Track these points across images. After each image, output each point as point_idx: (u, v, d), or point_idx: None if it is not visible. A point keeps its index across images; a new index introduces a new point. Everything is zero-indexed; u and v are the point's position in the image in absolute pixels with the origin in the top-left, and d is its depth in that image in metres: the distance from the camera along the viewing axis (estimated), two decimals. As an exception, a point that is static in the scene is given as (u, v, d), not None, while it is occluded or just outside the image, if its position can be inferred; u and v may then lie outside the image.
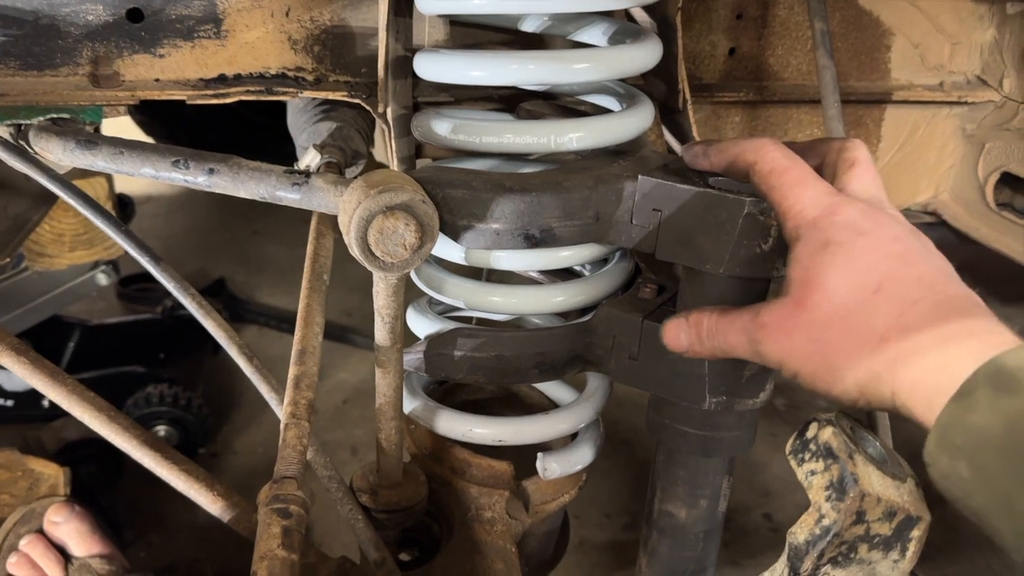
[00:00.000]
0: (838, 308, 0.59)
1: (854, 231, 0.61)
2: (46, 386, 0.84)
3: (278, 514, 0.66)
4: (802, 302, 0.61)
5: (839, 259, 0.60)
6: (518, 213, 0.73)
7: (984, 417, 0.49)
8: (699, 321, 0.70)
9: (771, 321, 0.63)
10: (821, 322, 0.60)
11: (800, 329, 0.61)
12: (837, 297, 0.59)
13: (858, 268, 0.59)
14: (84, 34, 0.87)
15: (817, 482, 0.62)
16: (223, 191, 0.77)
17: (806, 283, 0.61)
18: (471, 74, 0.79)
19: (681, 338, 0.72)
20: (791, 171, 0.65)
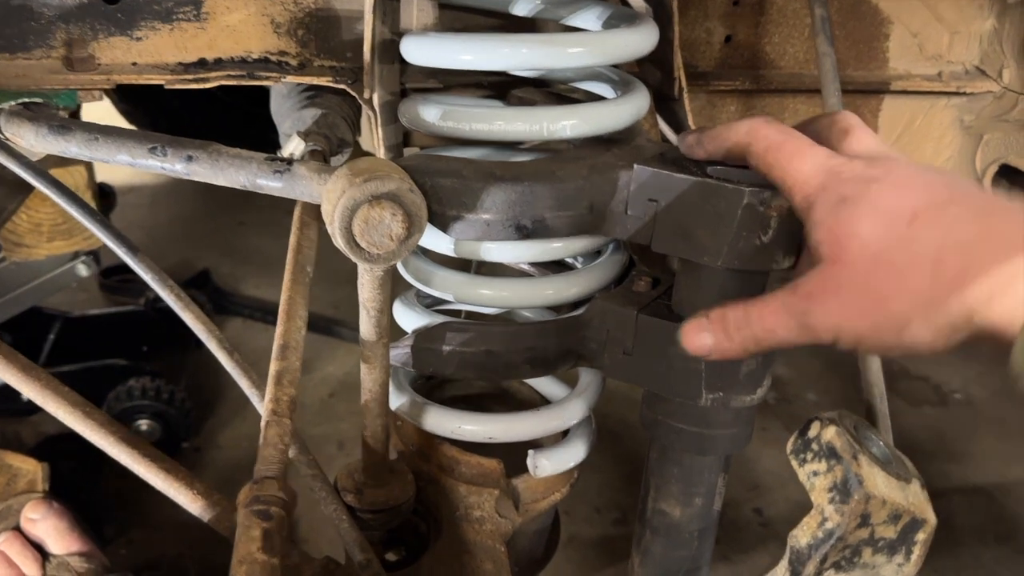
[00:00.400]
0: (880, 251, 0.56)
1: (865, 181, 0.58)
2: (19, 380, 0.81)
3: (258, 516, 0.63)
4: (840, 259, 0.58)
5: (861, 208, 0.57)
6: (509, 203, 0.71)
7: None
8: (723, 316, 0.66)
9: (814, 288, 0.60)
10: (867, 271, 0.57)
11: (848, 286, 0.58)
12: (874, 241, 0.56)
13: (883, 208, 0.57)
14: (58, 16, 0.84)
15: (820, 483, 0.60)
16: (202, 179, 0.74)
17: (836, 241, 0.58)
18: (461, 58, 0.76)
19: (705, 338, 0.67)
20: (787, 144, 0.63)
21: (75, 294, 2.33)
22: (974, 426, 2.26)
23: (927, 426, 2.25)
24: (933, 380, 2.44)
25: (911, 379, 2.45)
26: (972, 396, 2.38)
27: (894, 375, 2.44)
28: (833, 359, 2.45)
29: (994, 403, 2.35)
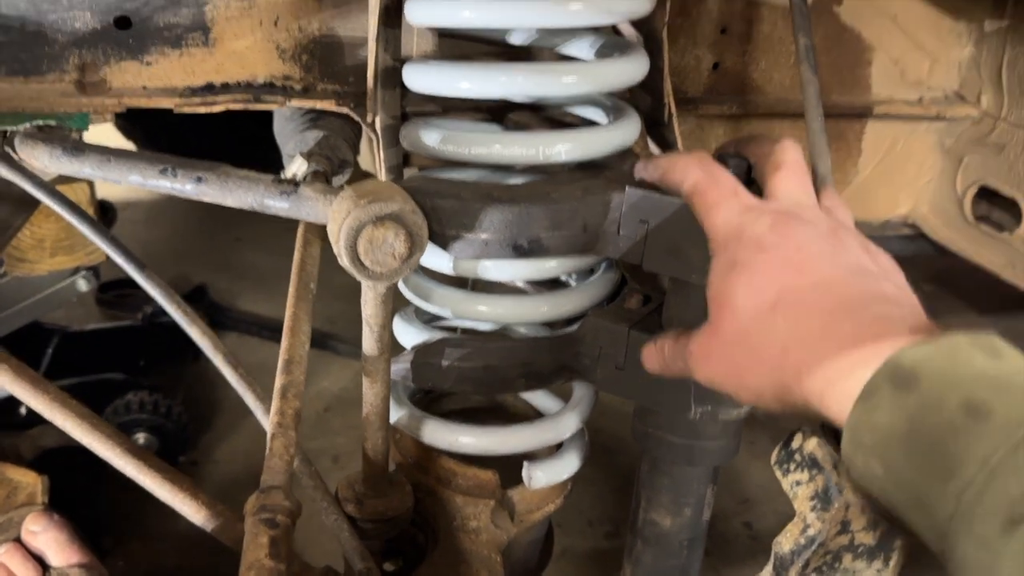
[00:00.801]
0: (743, 328, 0.61)
1: (757, 248, 0.62)
2: (28, 394, 0.83)
3: (265, 524, 0.66)
4: (716, 326, 0.63)
5: (742, 279, 0.61)
6: (507, 223, 0.74)
7: (887, 415, 0.50)
8: (663, 346, 0.73)
9: (695, 348, 0.66)
10: (732, 344, 0.62)
11: (716, 352, 0.64)
12: (741, 317, 0.61)
13: (757, 285, 0.60)
14: (71, 41, 0.87)
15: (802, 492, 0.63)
16: (211, 200, 0.77)
17: (719, 306, 0.63)
18: (460, 86, 0.79)
19: (654, 362, 0.74)
20: (709, 192, 0.67)
21: (73, 309, 2.35)
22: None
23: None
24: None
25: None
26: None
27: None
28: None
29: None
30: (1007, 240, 1.32)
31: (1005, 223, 1.35)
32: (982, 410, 0.47)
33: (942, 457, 0.47)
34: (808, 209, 0.66)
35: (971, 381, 0.48)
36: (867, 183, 1.41)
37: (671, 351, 0.71)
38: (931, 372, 0.49)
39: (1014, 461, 0.45)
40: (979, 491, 0.45)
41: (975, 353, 0.50)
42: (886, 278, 0.61)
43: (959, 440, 0.47)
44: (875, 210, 1.44)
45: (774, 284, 0.60)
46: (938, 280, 2.95)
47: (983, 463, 0.45)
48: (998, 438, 0.45)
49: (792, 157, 0.69)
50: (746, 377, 0.61)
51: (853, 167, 1.39)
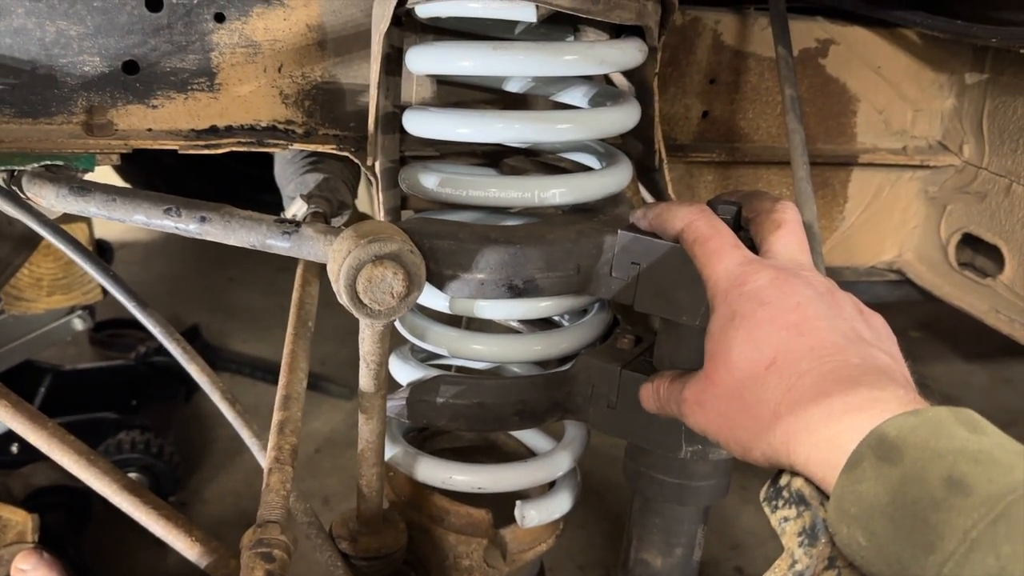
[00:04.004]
0: (738, 383, 0.61)
1: (757, 302, 0.62)
2: (26, 429, 0.84)
3: (261, 558, 0.66)
4: (711, 376, 0.64)
5: (741, 332, 0.62)
6: (502, 264, 0.76)
7: (871, 486, 0.51)
8: (658, 388, 0.74)
9: (689, 396, 0.67)
10: (726, 396, 0.63)
11: (710, 403, 0.65)
12: (737, 371, 0.62)
13: (756, 341, 0.61)
14: (80, 84, 0.89)
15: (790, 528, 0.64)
16: (214, 239, 0.79)
17: (715, 357, 0.64)
18: (459, 131, 0.82)
19: (650, 402, 0.76)
20: (710, 241, 0.68)
21: (66, 348, 2.35)
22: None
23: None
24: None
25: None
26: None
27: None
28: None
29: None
30: (990, 286, 1.35)
31: (988, 269, 1.38)
32: (963, 484, 0.48)
33: (924, 530, 0.48)
34: (806, 269, 0.67)
35: (953, 455, 0.49)
36: (853, 229, 1.44)
37: (666, 393, 0.72)
38: (914, 445, 0.50)
39: (992, 535, 0.46)
40: (959, 564, 0.46)
41: (957, 427, 0.51)
42: (879, 345, 0.62)
43: (940, 513, 0.48)
44: (861, 256, 1.47)
45: (772, 342, 0.60)
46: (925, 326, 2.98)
47: (963, 537, 0.46)
48: (978, 512, 0.47)
49: (792, 217, 0.71)
50: (736, 431, 0.62)
51: (839, 214, 1.42)
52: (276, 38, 0.91)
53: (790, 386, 0.58)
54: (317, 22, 0.91)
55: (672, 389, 0.71)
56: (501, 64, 0.79)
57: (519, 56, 0.78)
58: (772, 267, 0.65)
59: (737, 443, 0.63)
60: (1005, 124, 1.30)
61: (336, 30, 0.92)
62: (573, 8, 0.75)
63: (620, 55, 0.83)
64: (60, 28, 0.86)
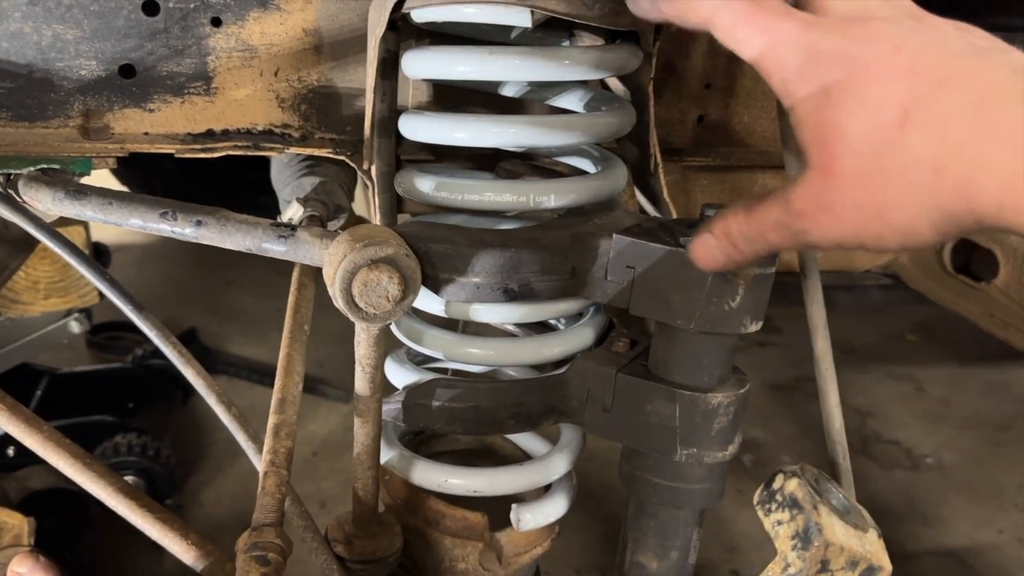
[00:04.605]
0: (872, 160, 0.51)
1: (848, 63, 0.52)
2: (22, 432, 0.84)
3: (257, 561, 0.67)
4: (829, 169, 0.53)
5: (847, 104, 0.52)
6: (498, 268, 0.76)
7: None
8: (727, 231, 0.63)
9: (806, 206, 0.56)
10: (861, 184, 0.52)
11: (840, 200, 0.54)
12: (864, 147, 0.51)
13: (871, 105, 0.51)
14: (76, 88, 0.89)
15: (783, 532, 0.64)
16: (210, 242, 0.79)
17: (824, 145, 0.53)
18: (456, 136, 0.82)
19: (717, 255, 0.65)
20: (756, 16, 0.55)
21: (62, 351, 2.35)
22: (945, 490, 2.30)
23: (898, 490, 2.29)
24: (904, 444, 2.50)
25: (883, 443, 2.50)
26: (943, 460, 2.43)
27: (866, 439, 2.50)
28: (809, 423, 2.51)
29: (964, 467, 2.40)
30: (985, 290, 1.36)
31: (983, 274, 1.38)
32: None
33: None
34: (874, 8, 0.55)
35: None
36: (848, 233, 1.44)
37: (747, 227, 0.61)
38: None
39: None
40: None
41: None
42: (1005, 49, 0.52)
43: None
44: (857, 260, 1.48)
45: (891, 97, 0.50)
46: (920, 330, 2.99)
47: None
48: None
49: None
50: (890, 216, 0.52)
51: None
52: (273, 42, 0.91)
53: (942, 133, 0.49)
54: (313, 26, 0.92)
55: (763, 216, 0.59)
56: (497, 69, 0.79)
57: (515, 61, 0.79)
58: (839, 21, 0.54)
59: (896, 230, 0.53)
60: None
61: (332, 34, 0.93)
62: (569, 13, 0.76)
63: (616, 60, 0.83)
64: (57, 32, 0.86)
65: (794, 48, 0.54)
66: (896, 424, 2.58)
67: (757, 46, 0.55)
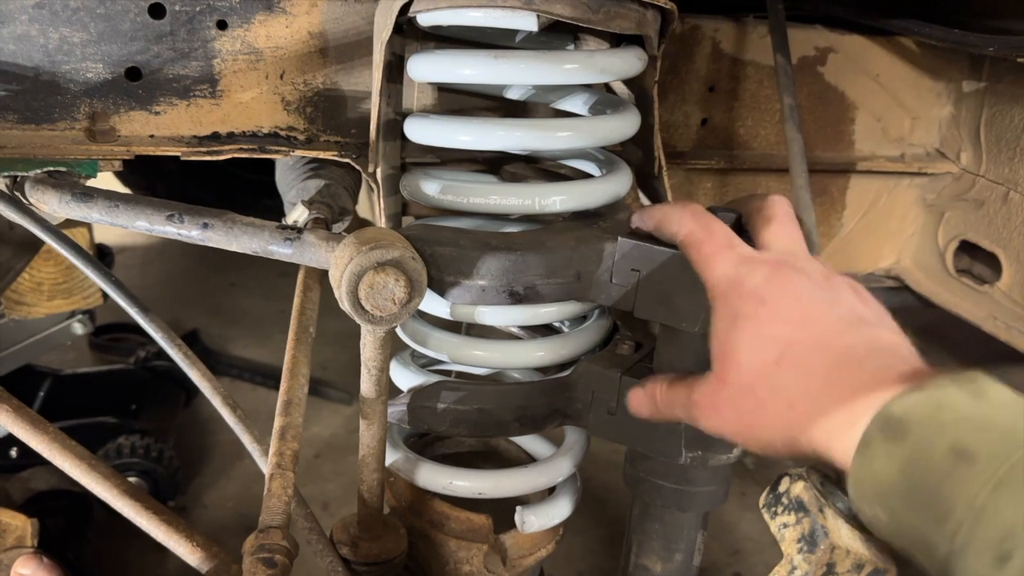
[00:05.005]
0: (750, 381, 0.62)
1: (757, 301, 0.64)
2: (27, 434, 0.84)
3: (264, 563, 0.67)
4: (722, 378, 0.65)
5: (747, 332, 0.63)
6: (503, 271, 0.76)
7: (883, 465, 0.52)
8: (653, 392, 0.75)
9: (700, 399, 0.68)
10: (739, 397, 0.64)
11: (723, 404, 0.65)
12: (748, 371, 0.63)
13: (762, 339, 0.62)
14: (83, 91, 0.89)
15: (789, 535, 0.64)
16: (216, 245, 0.79)
17: (723, 358, 0.65)
18: (461, 139, 0.82)
19: (643, 407, 0.76)
20: (705, 244, 0.69)
21: (65, 352, 2.35)
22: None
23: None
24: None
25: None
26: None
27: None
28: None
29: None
30: (988, 293, 1.36)
31: (986, 276, 1.38)
32: (967, 453, 0.49)
33: (935, 502, 0.49)
34: (800, 258, 0.68)
35: (955, 426, 0.51)
36: (851, 236, 1.45)
37: (665, 398, 0.73)
38: (919, 420, 0.52)
39: (996, 501, 0.47)
40: (969, 531, 0.47)
41: (961, 397, 0.52)
42: (881, 323, 0.63)
43: (948, 484, 0.49)
44: (859, 262, 1.48)
45: (778, 339, 0.62)
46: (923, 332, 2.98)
47: (969, 504, 0.48)
48: (982, 479, 0.48)
49: (782, 210, 0.72)
50: (755, 429, 0.63)
51: (838, 220, 1.43)
52: (278, 45, 0.91)
53: (801, 378, 0.60)
54: (319, 29, 0.92)
55: (675, 393, 0.72)
56: (503, 72, 0.79)
57: (521, 65, 0.79)
58: (767, 262, 0.66)
59: (757, 440, 0.64)
60: (1002, 132, 1.30)
61: (338, 37, 0.93)
62: (574, 17, 0.76)
63: (621, 64, 0.83)
64: (63, 35, 0.86)
65: (725, 277, 0.66)
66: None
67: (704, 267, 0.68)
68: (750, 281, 0.65)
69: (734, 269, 0.66)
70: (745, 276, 0.65)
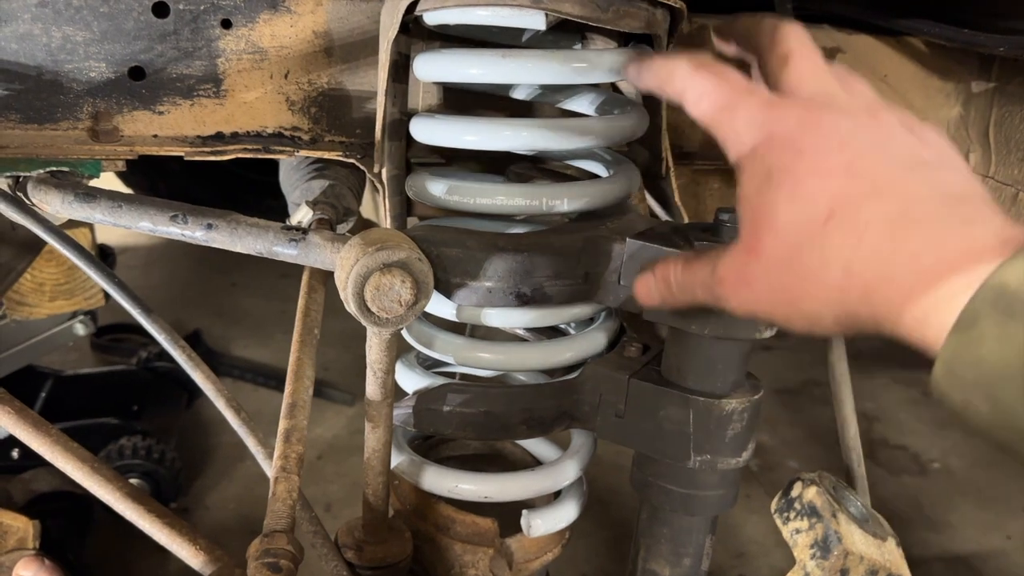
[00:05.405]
0: (792, 248, 0.53)
1: (794, 152, 0.54)
2: (30, 436, 0.83)
3: (268, 568, 0.66)
4: (754, 248, 0.56)
5: (784, 190, 0.53)
6: (510, 272, 0.75)
7: (994, 348, 0.44)
8: (666, 274, 0.66)
9: (728, 275, 0.58)
10: (777, 266, 0.54)
11: (758, 278, 0.56)
12: (789, 235, 0.53)
13: (803, 196, 0.53)
14: (86, 90, 0.89)
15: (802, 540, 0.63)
16: (220, 246, 0.78)
17: (756, 224, 0.55)
18: (467, 139, 0.82)
19: (654, 294, 0.68)
20: (719, 95, 0.58)
21: (67, 353, 2.35)
22: (952, 495, 2.29)
23: (906, 495, 2.28)
24: (912, 449, 2.48)
25: (890, 448, 2.48)
26: (950, 465, 2.42)
27: (874, 444, 2.48)
28: (815, 428, 2.50)
29: (972, 472, 2.39)
30: (996, 294, 1.34)
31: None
32: None
33: None
34: (836, 96, 0.57)
35: None
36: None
37: (682, 278, 0.64)
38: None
39: None
40: None
41: None
42: (945, 165, 0.53)
43: None
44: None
45: (823, 193, 0.52)
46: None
47: None
48: None
49: (798, 40, 0.60)
50: (800, 303, 0.54)
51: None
52: (283, 44, 0.91)
53: (859, 238, 0.50)
54: (324, 28, 0.91)
55: (694, 272, 0.62)
56: (511, 72, 0.78)
57: (529, 64, 0.78)
58: (798, 105, 0.56)
59: (800, 315, 0.55)
60: (1011, 133, 1.29)
61: (343, 37, 0.92)
62: (583, 16, 0.75)
63: (629, 63, 0.82)
64: (66, 34, 0.86)
65: (750, 128, 0.56)
66: (903, 429, 2.57)
67: (721, 121, 0.58)
68: (781, 129, 0.54)
69: (761, 116, 0.56)
70: (775, 124, 0.55)
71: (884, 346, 2.93)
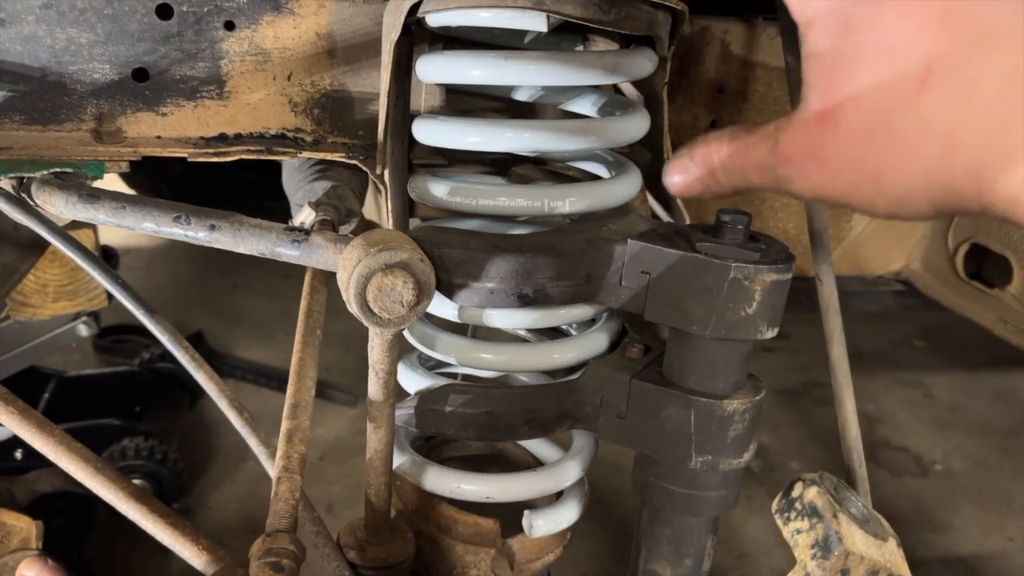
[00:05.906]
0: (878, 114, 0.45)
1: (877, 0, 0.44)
2: (33, 436, 0.84)
3: (271, 568, 0.66)
4: (829, 116, 0.47)
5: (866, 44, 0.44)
6: (513, 273, 0.75)
7: None
8: (708, 159, 0.56)
9: (795, 151, 0.49)
10: (859, 138, 0.46)
11: (835, 155, 0.47)
12: (874, 99, 0.44)
13: (892, 51, 0.44)
14: (90, 91, 0.89)
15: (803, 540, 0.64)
16: (223, 247, 0.78)
17: (830, 88, 0.46)
18: (470, 140, 0.82)
19: (694, 182, 0.58)
20: None
21: (70, 353, 2.36)
22: (954, 496, 2.29)
23: (908, 496, 2.28)
24: (913, 451, 2.48)
25: (892, 449, 2.48)
26: (952, 467, 2.42)
27: (875, 445, 2.48)
28: (817, 429, 2.50)
29: (974, 474, 2.39)
30: (998, 296, 1.35)
31: (996, 280, 1.37)
32: None
33: None
34: None
35: None
36: (860, 239, 1.44)
37: (730, 160, 0.54)
38: None
39: None
40: None
41: None
42: None
43: None
44: (869, 266, 1.47)
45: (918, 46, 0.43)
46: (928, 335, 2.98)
47: None
48: None
49: None
50: (888, 182, 0.46)
51: (847, 224, 1.42)
52: (286, 46, 0.91)
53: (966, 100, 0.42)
54: (327, 30, 0.91)
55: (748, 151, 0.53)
56: (513, 73, 0.79)
57: (531, 66, 0.78)
58: None
59: (888, 196, 0.46)
60: None
61: (346, 38, 0.92)
62: (585, 18, 0.75)
63: (631, 65, 0.83)
64: (70, 35, 0.86)
65: None
66: (905, 430, 2.56)
67: None
68: None
69: None
70: None
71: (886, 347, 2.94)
